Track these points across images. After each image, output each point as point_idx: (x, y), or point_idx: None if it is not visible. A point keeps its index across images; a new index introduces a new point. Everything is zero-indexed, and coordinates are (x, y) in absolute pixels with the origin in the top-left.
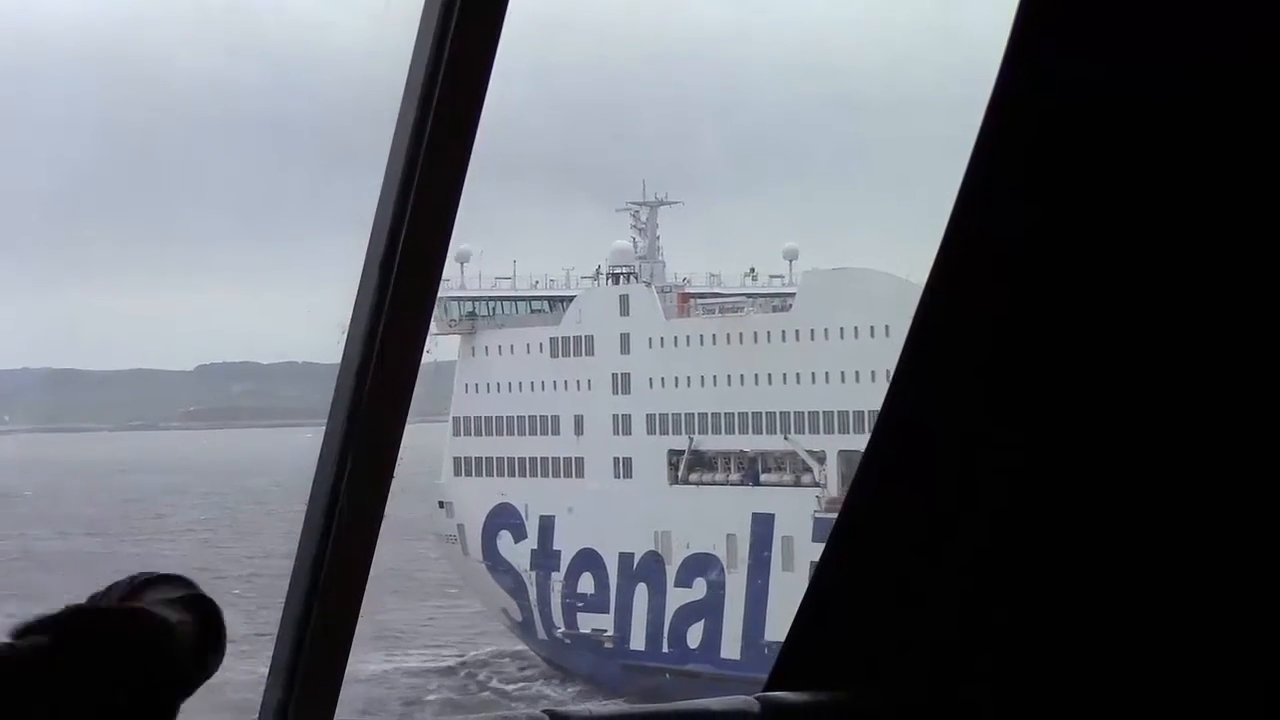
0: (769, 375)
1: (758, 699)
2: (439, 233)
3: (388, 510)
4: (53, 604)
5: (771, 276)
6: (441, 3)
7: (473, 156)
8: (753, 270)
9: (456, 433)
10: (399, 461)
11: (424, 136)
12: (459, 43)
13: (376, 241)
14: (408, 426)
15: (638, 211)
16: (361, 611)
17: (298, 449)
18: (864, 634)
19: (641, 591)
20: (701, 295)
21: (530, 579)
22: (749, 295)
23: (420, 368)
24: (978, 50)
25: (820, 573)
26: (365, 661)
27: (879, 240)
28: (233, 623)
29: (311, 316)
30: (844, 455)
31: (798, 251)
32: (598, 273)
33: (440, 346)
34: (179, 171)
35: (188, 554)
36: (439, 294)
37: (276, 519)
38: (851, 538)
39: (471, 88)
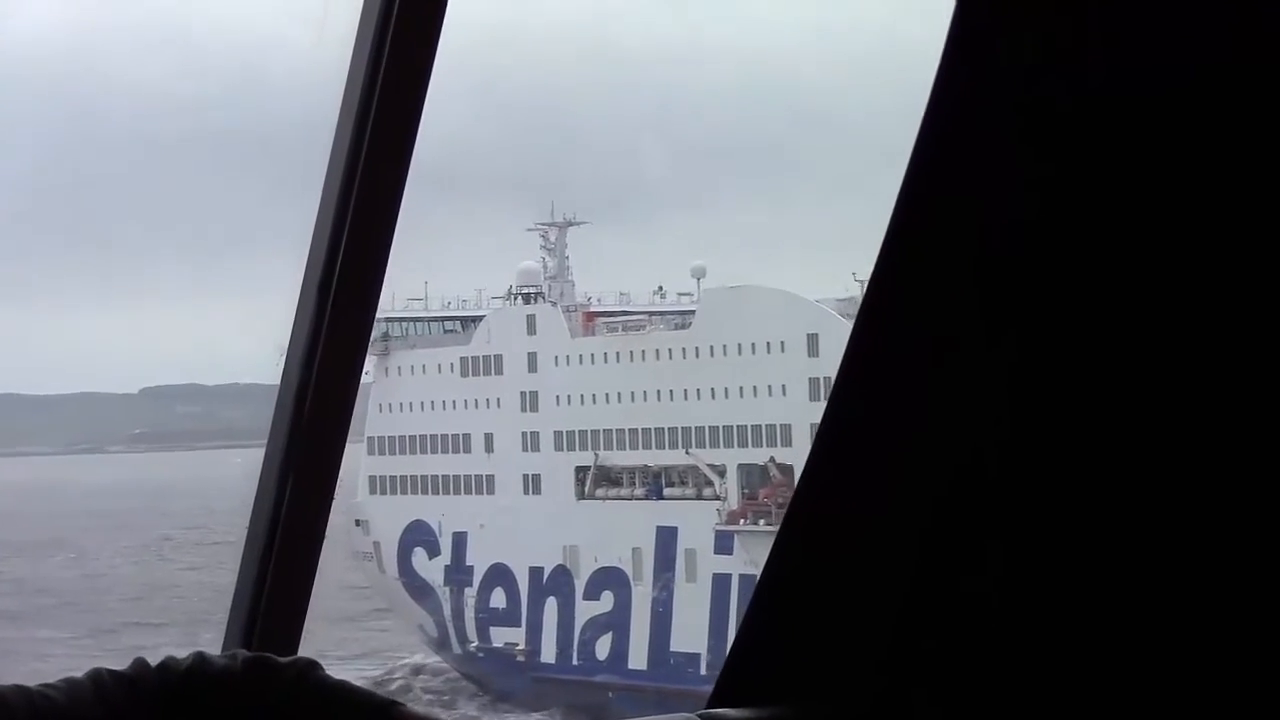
0: (670, 391)
1: (700, 716)
2: (377, 252)
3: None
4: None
5: (680, 294)
6: (377, 20)
7: (410, 174)
8: (661, 288)
9: (371, 452)
10: None
11: (360, 157)
12: (395, 61)
13: (314, 262)
14: None
15: (546, 232)
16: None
17: (251, 471)
18: (808, 649)
19: (551, 605)
20: (605, 314)
21: (444, 594)
22: (652, 313)
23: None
24: (929, 58)
25: (762, 587)
26: None
27: (821, 252)
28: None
29: (253, 337)
30: (743, 469)
31: (705, 270)
32: (510, 293)
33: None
34: (120, 191)
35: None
36: None
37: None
38: (794, 551)
39: (408, 105)
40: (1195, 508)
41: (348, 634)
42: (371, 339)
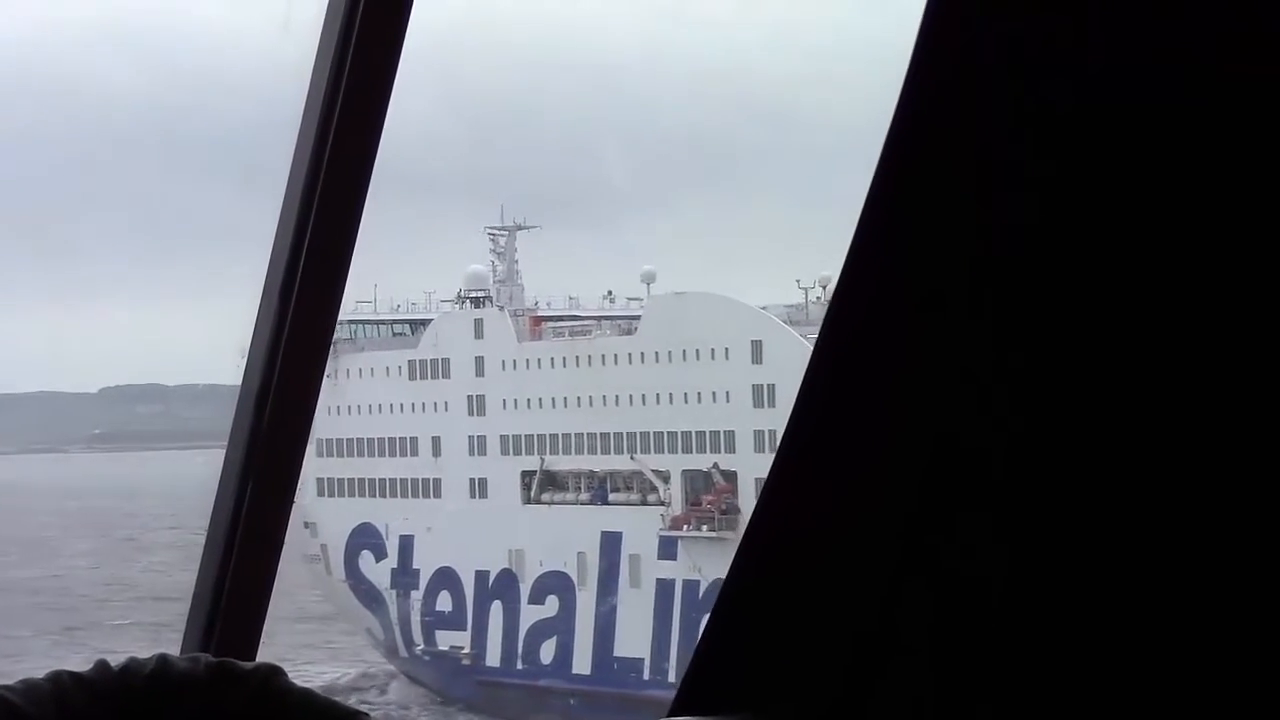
0: (616, 397)
1: None
2: (340, 255)
3: None
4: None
5: (629, 299)
6: (342, 20)
7: (374, 175)
8: (610, 293)
9: (320, 454)
10: None
11: (324, 157)
12: (359, 61)
13: (276, 264)
14: None
15: (496, 235)
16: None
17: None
18: (771, 655)
19: (497, 609)
20: (552, 318)
21: (391, 597)
22: (599, 318)
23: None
24: (888, 55)
25: (726, 593)
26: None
27: (778, 256)
28: None
29: (215, 337)
30: (688, 474)
31: (655, 274)
32: (458, 296)
33: None
34: (80, 189)
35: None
36: None
37: None
38: (758, 557)
39: (372, 104)
40: (1195, 513)
41: (300, 638)
42: None
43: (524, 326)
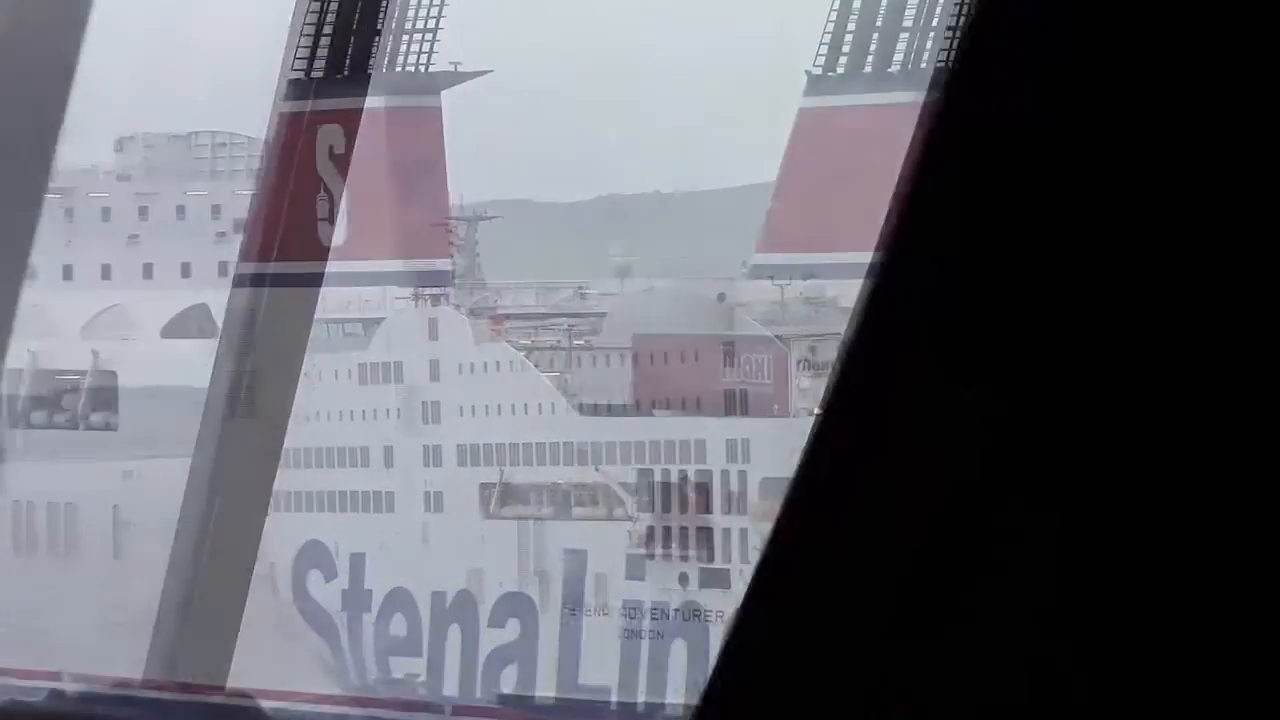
0: (580, 403)
1: None
2: (319, 239)
3: None
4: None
5: (602, 295)
6: None
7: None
8: (580, 287)
9: None
10: None
11: (302, 123)
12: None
13: (249, 249)
14: None
15: (454, 227)
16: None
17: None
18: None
19: (454, 633)
20: (514, 317)
21: (341, 621)
22: (568, 316)
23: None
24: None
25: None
26: None
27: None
28: None
29: (175, 329)
30: (656, 487)
31: (630, 267)
32: (415, 293)
33: None
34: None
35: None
36: None
37: None
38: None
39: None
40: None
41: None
42: None
43: (483, 326)
